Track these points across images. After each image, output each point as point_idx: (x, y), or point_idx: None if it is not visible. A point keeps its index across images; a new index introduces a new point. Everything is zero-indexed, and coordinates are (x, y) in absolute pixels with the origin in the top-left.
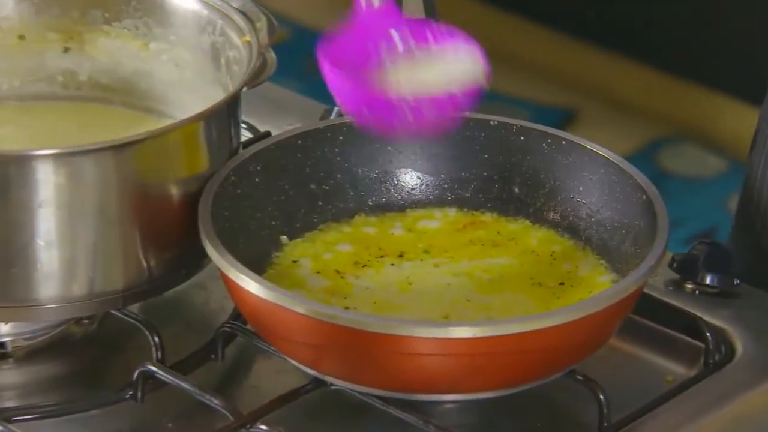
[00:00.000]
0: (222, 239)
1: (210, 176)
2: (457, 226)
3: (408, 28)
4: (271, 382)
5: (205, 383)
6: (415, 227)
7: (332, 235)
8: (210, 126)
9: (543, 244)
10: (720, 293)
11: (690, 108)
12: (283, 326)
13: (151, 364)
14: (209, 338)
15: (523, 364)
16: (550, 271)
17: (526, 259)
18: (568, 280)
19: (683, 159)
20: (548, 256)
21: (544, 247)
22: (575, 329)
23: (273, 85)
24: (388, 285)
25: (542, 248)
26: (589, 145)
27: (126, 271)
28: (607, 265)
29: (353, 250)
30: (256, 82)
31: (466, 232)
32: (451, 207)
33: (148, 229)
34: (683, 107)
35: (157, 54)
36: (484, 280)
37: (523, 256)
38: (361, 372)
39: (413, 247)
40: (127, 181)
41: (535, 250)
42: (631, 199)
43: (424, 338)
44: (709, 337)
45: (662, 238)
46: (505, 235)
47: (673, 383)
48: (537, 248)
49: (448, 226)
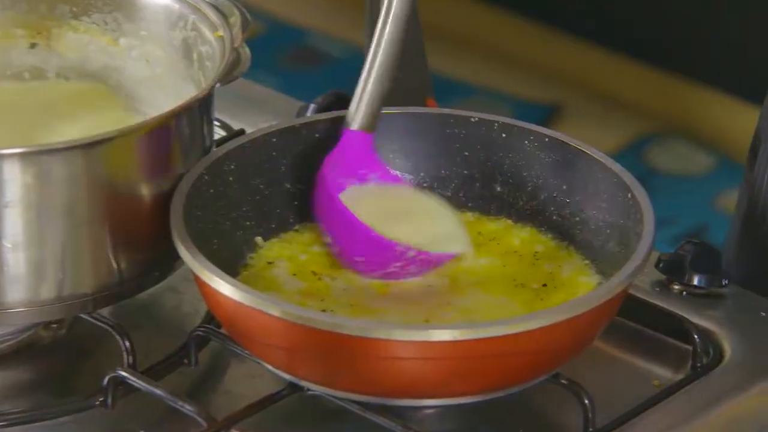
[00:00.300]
0: (195, 240)
1: (182, 175)
2: None
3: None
4: (246, 387)
5: (177, 389)
6: None
7: (308, 235)
8: (182, 124)
9: (525, 245)
10: (708, 294)
11: (679, 103)
12: (258, 330)
13: (121, 370)
14: (182, 342)
15: (505, 367)
16: (533, 272)
17: (508, 260)
18: (552, 282)
19: (672, 156)
20: (531, 256)
21: (527, 248)
22: (559, 332)
23: (247, 82)
24: (366, 287)
25: (525, 249)
26: (572, 142)
27: (96, 274)
28: (592, 266)
29: (330, 251)
30: (229, 78)
31: None
32: None
33: (119, 230)
34: (672, 102)
35: (127, 50)
36: (465, 282)
37: (506, 257)
38: (339, 376)
39: None
40: (97, 181)
41: (517, 251)
42: (616, 198)
43: (403, 341)
44: (696, 340)
45: (648, 238)
46: (486, 236)
47: (660, 387)
48: (519, 248)
49: None
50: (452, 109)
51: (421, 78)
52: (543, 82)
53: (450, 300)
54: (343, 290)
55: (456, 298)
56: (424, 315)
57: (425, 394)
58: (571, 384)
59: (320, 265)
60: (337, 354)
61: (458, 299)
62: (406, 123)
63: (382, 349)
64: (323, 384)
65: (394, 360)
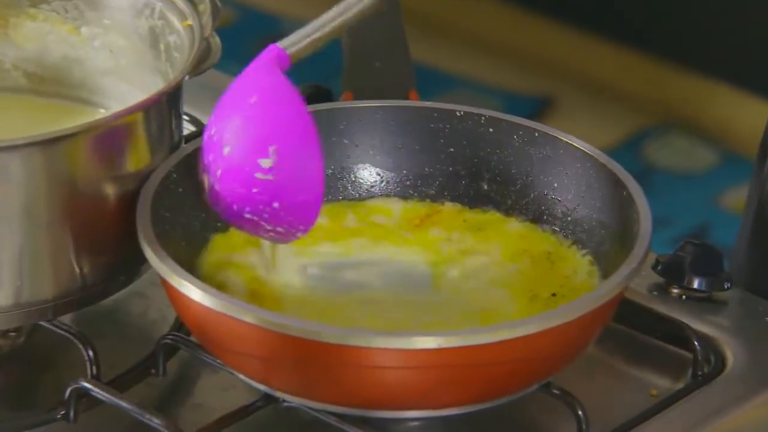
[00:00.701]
0: (162, 242)
1: (149, 174)
2: (414, 222)
3: None
4: (218, 399)
5: (144, 401)
6: (369, 220)
7: None
8: (149, 118)
9: (516, 242)
10: (709, 298)
11: (679, 94)
12: (231, 337)
13: (84, 381)
14: (149, 351)
15: (493, 377)
16: (523, 273)
17: (501, 259)
18: (560, 289)
19: (672, 151)
20: (521, 256)
21: (517, 247)
22: (550, 339)
23: (218, 73)
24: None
25: (515, 248)
26: (564, 137)
27: (56, 279)
28: (585, 267)
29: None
30: (199, 70)
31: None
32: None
33: (81, 232)
34: (672, 93)
35: (90, 39)
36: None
37: (499, 256)
38: (316, 387)
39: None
40: (58, 180)
41: (508, 250)
42: (611, 196)
43: (384, 349)
44: (697, 347)
45: (645, 238)
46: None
47: (658, 397)
48: (510, 247)
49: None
50: (436, 102)
51: (402, 69)
52: (533, 72)
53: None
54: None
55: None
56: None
57: (408, 405)
58: (564, 394)
59: None
60: (315, 363)
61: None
62: (387, 117)
63: (362, 358)
64: (300, 395)
65: (374, 369)
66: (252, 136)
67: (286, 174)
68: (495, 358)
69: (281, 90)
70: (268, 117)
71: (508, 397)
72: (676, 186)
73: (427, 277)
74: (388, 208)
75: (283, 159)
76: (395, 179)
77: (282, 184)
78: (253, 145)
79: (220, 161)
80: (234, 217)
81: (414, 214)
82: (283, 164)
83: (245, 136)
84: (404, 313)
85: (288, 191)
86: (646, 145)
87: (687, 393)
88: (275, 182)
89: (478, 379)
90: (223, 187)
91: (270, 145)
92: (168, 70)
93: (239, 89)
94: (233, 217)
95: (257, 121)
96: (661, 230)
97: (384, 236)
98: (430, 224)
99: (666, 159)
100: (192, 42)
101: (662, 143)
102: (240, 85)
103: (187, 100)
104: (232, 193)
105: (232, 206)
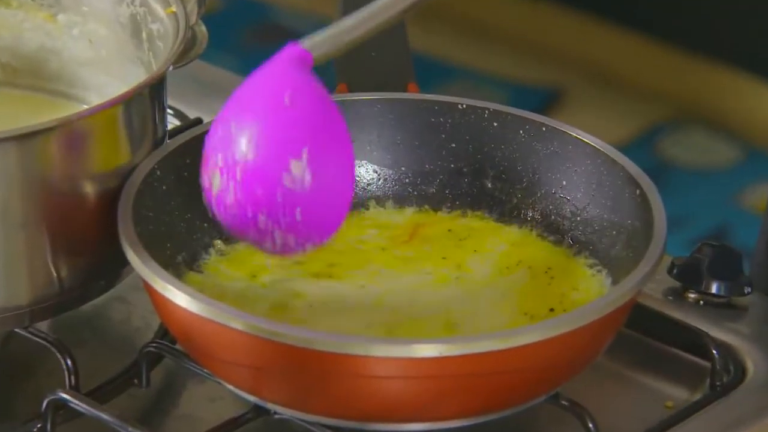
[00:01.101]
0: (146, 244)
1: (131, 171)
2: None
3: None
4: (205, 410)
5: (126, 413)
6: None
7: None
8: (130, 112)
9: (519, 248)
10: (728, 303)
11: (697, 85)
12: (219, 345)
13: (63, 392)
14: (131, 360)
15: (498, 387)
16: (529, 278)
17: (502, 265)
18: (560, 300)
19: (688, 146)
20: (528, 261)
21: (521, 251)
22: (559, 347)
23: (204, 64)
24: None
25: (519, 252)
26: (573, 131)
27: (32, 283)
28: (596, 272)
29: None
30: (184, 60)
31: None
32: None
33: (59, 233)
34: (689, 84)
35: (67, 28)
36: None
37: (500, 262)
38: (310, 398)
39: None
40: (33, 177)
41: (511, 255)
42: (623, 195)
43: (382, 358)
44: (715, 355)
45: (659, 239)
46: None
47: (674, 409)
48: (513, 252)
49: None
50: (437, 94)
51: (400, 58)
52: (541, 62)
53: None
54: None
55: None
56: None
57: (407, 417)
58: (573, 405)
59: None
60: (308, 372)
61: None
62: (385, 110)
63: (359, 367)
64: (292, 406)
65: (371, 379)
66: (285, 137)
67: (317, 181)
68: (500, 367)
69: (315, 90)
70: (303, 118)
71: (514, 409)
72: (693, 183)
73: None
74: (381, 222)
75: (316, 164)
76: (393, 177)
77: (311, 190)
78: (285, 146)
79: (240, 162)
80: (241, 223)
81: (401, 231)
82: (316, 170)
83: (277, 136)
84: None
85: (315, 200)
86: (662, 140)
87: (704, 405)
88: (304, 188)
89: (482, 389)
90: (242, 190)
91: (303, 147)
92: (151, 60)
93: (265, 85)
94: (241, 223)
95: (291, 120)
96: (677, 231)
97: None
98: (418, 240)
99: (682, 154)
100: (176, 30)
101: (678, 138)
102: (265, 81)
103: (172, 93)
104: (251, 197)
105: (245, 211)
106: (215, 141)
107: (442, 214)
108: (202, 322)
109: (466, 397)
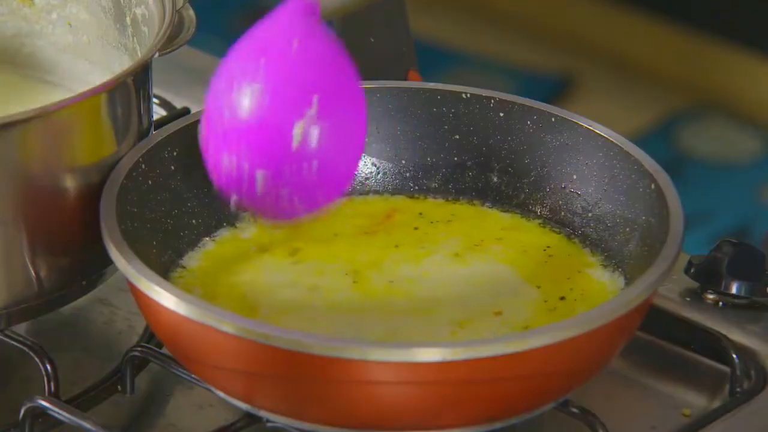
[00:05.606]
0: (130, 242)
1: (114, 164)
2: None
3: None
4: (193, 418)
5: (110, 421)
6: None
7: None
8: (114, 101)
9: (530, 244)
10: (749, 305)
11: (717, 72)
12: (208, 349)
13: (41, 399)
14: (115, 366)
15: (504, 393)
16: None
17: (516, 260)
18: (570, 293)
19: (708, 137)
20: (541, 256)
21: (533, 248)
22: (569, 351)
23: (192, 50)
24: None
25: (531, 248)
26: (584, 122)
27: (9, 283)
28: (608, 271)
29: None
30: (170, 47)
31: None
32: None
33: (38, 230)
34: (709, 71)
35: (46, 11)
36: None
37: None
38: (305, 405)
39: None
40: (10, 171)
41: (527, 250)
42: (638, 189)
43: (382, 362)
44: (735, 360)
45: (676, 237)
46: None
47: (692, 417)
48: (527, 248)
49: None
50: (439, 82)
51: (401, 45)
52: (550, 48)
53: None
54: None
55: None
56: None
57: (408, 425)
58: (584, 413)
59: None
60: (303, 378)
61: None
62: (385, 100)
63: (357, 372)
64: (286, 414)
65: (370, 385)
66: (296, 82)
67: (331, 127)
68: (507, 372)
69: (324, 37)
70: (315, 63)
71: (522, 417)
72: (712, 177)
73: None
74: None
75: (327, 114)
76: (393, 170)
77: (325, 137)
78: (294, 95)
79: (245, 114)
80: (246, 181)
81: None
82: (326, 120)
83: (287, 82)
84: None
85: (329, 148)
86: (679, 131)
87: (724, 412)
88: (318, 135)
89: (488, 396)
90: (247, 145)
91: (315, 94)
92: (135, 46)
93: (272, 32)
94: (244, 181)
95: (301, 66)
96: (695, 228)
97: None
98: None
99: (701, 146)
100: (162, 14)
101: (697, 128)
102: (271, 28)
103: (157, 81)
104: (257, 152)
105: (253, 165)
106: (218, 93)
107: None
108: (190, 325)
109: (470, 404)
